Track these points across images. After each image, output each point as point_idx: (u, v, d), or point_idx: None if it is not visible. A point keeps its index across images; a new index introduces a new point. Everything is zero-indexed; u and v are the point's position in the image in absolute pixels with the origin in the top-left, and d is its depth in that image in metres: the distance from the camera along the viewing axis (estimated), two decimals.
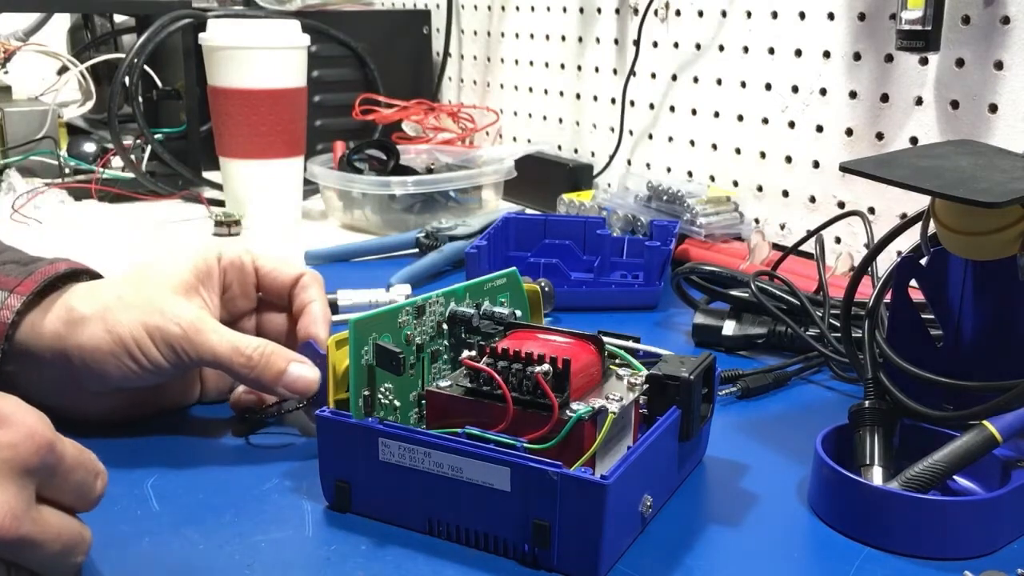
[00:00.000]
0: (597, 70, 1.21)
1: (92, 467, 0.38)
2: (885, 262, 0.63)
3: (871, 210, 0.89)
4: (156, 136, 1.23)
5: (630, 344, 0.54)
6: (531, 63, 1.32)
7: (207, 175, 1.24)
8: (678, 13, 1.07)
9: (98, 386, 0.55)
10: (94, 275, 0.59)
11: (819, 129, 0.93)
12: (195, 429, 0.59)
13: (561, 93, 1.28)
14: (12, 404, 0.36)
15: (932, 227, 0.53)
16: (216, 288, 0.58)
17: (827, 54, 0.91)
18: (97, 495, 0.39)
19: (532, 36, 1.31)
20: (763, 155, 1.00)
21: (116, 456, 0.54)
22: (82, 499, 0.39)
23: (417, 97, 1.39)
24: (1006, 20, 0.76)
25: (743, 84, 1.01)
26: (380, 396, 0.49)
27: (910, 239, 0.57)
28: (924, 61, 0.83)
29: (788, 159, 0.97)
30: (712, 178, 1.06)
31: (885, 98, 0.87)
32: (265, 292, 0.61)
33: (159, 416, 0.60)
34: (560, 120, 1.29)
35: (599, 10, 1.18)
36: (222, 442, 0.57)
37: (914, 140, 0.85)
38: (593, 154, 1.24)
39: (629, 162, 1.18)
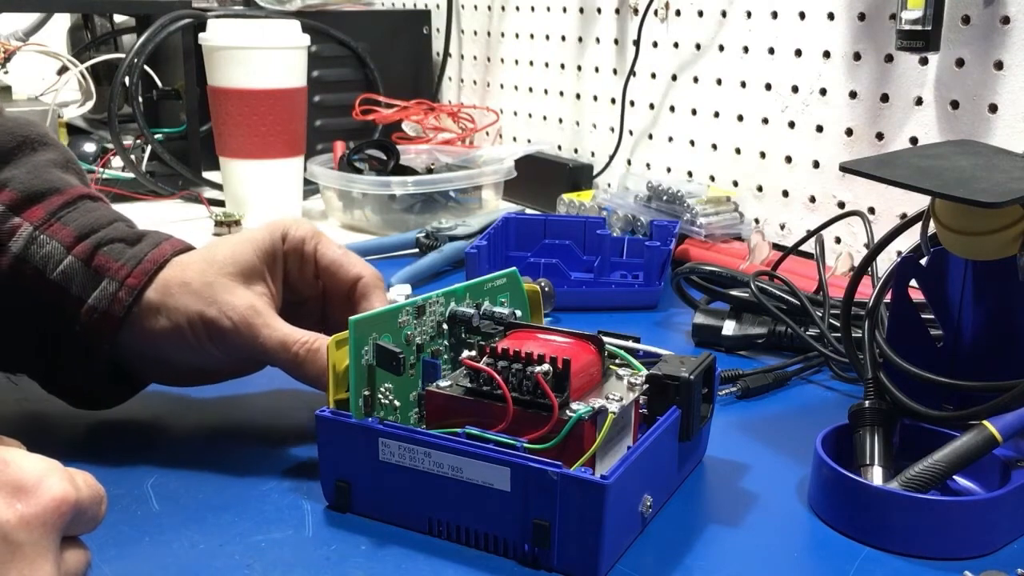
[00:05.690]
0: (597, 70, 1.21)
1: (99, 497, 0.38)
2: (885, 262, 0.63)
3: (871, 210, 0.89)
4: (156, 136, 1.23)
5: (630, 344, 0.54)
6: (531, 63, 1.32)
7: (207, 175, 1.24)
8: (678, 13, 1.07)
9: (164, 363, 0.57)
10: (189, 249, 0.59)
11: (819, 129, 0.93)
12: (195, 429, 0.59)
13: (561, 93, 1.28)
14: (34, 471, 0.36)
15: (932, 227, 0.53)
16: (280, 272, 0.58)
17: (827, 54, 0.91)
18: (101, 518, 0.39)
19: (532, 36, 1.31)
20: (763, 155, 1.00)
21: (116, 456, 0.54)
22: (90, 528, 0.39)
23: (417, 97, 1.39)
24: (1006, 20, 0.76)
25: (743, 84, 1.01)
26: (380, 396, 0.49)
27: (910, 239, 0.57)
28: (924, 61, 0.83)
29: (788, 159, 0.97)
30: (712, 178, 1.06)
31: (885, 98, 0.86)
32: (325, 285, 0.60)
33: (158, 416, 0.60)
34: (560, 120, 1.29)
35: (599, 10, 1.18)
36: (222, 442, 0.57)
37: (914, 140, 0.85)
38: (593, 154, 1.24)
39: (629, 162, 1.18)
